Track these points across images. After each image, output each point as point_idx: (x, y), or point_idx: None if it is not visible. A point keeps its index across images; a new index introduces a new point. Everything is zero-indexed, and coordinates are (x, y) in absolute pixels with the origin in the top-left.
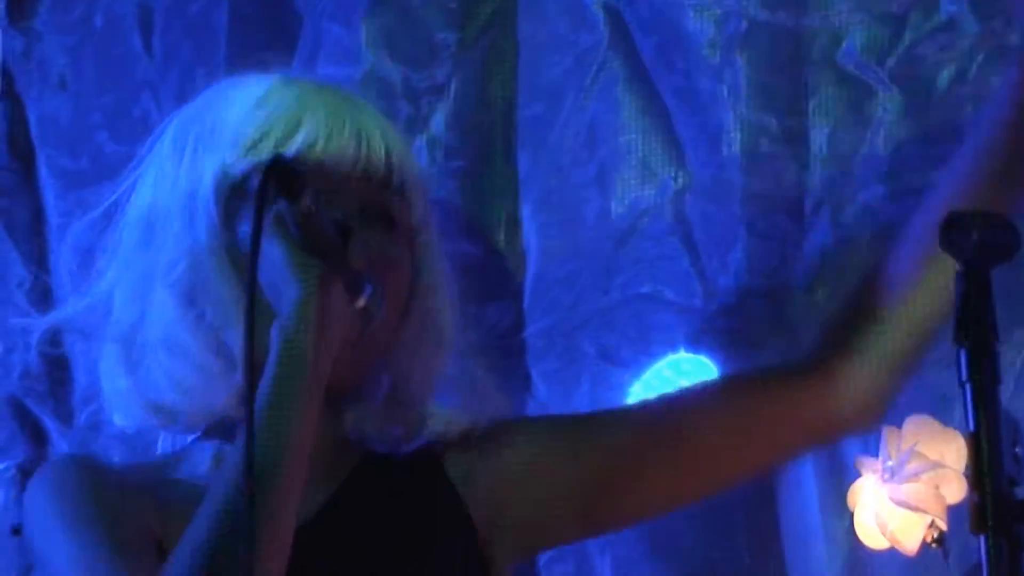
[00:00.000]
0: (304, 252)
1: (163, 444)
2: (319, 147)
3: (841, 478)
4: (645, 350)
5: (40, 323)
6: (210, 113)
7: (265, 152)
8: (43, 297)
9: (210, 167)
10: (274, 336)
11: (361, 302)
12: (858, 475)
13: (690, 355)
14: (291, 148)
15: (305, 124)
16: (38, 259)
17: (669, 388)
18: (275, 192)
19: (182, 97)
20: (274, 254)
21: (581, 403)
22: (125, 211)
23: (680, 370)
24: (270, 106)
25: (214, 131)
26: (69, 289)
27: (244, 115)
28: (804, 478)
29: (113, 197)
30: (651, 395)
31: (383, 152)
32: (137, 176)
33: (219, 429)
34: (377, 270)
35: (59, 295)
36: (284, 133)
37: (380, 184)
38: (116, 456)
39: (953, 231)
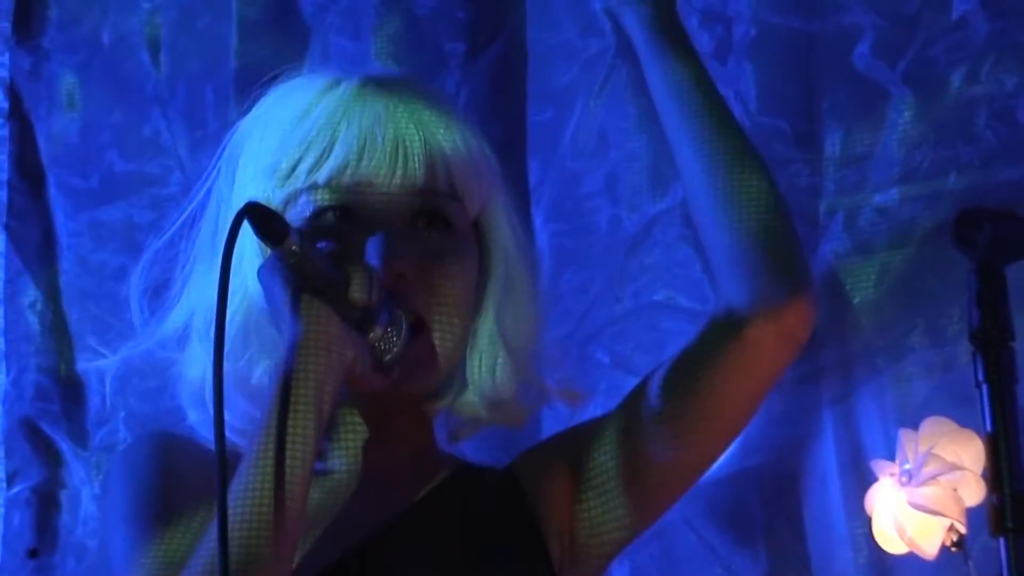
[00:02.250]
0: (301, 292)
1: None
2: (351, 169)
3: (865, 482)
4: (659, 358)
5: (112, 362)
6: (257, 131)
7: (300, 180)
8: (54, 318)
9: (253, 196)
10: (269, 379)
11: (376, 333)
12: (876, 479)
13: None
14: (322, 175)
15: (338, 144)
16: (48, 280)
17: None
18: (262, 236)
19: (191, 113)
20: (276, 296)
21: (596, 413)
22: (194, 237)
23: None
24: (306, 126)
25: (256, 157)
26: (140, 321)
27: (282, 138)
28: (829, 482)
29: (182, 217)
30: None
31: (422, 157)
32: (203, 197)
33: None
34: (412, 286)
35: (71, 317)
36: (316, 160)
37: (425, 190)
38: None
39: (966, 228)
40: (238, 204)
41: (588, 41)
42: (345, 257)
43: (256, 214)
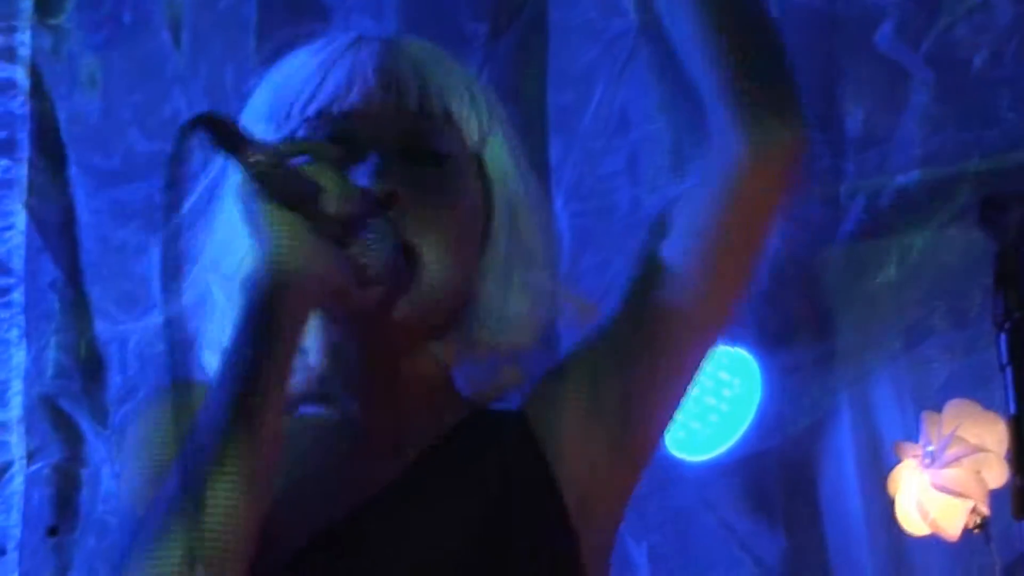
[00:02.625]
0: (273, 206)
1: None
2: (340, 100)
3: (881, 464)
4: None
5: (134, 328)
6: (258, 88)
7: (294, 119)
8: (75, 295)
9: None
10: (239, 294)
11: (356, 246)
12: (897, 461)
13: (728, 347)
14: (312, 108)
15: (328, 79)
16: (69, 257)
17: (705, 380)
18: (219, 147)
19: (212, 92)
20: (249, 211)
21: None
22: (213, 207)
23: (719, 362)
24: (301, 73)
25: (255, 108)
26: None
27: (278, 87)
28: (844, 464)
29: (199, 189)
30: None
31: (415, 83)
32: (219, 169)
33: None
34: (408, 211)
35: (92, 296)
36: (308, 97)
37: (420, 117)
38: None
39: (992, 211)
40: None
41: (610, 21)
42: (320, 170)
43: (209, 123)
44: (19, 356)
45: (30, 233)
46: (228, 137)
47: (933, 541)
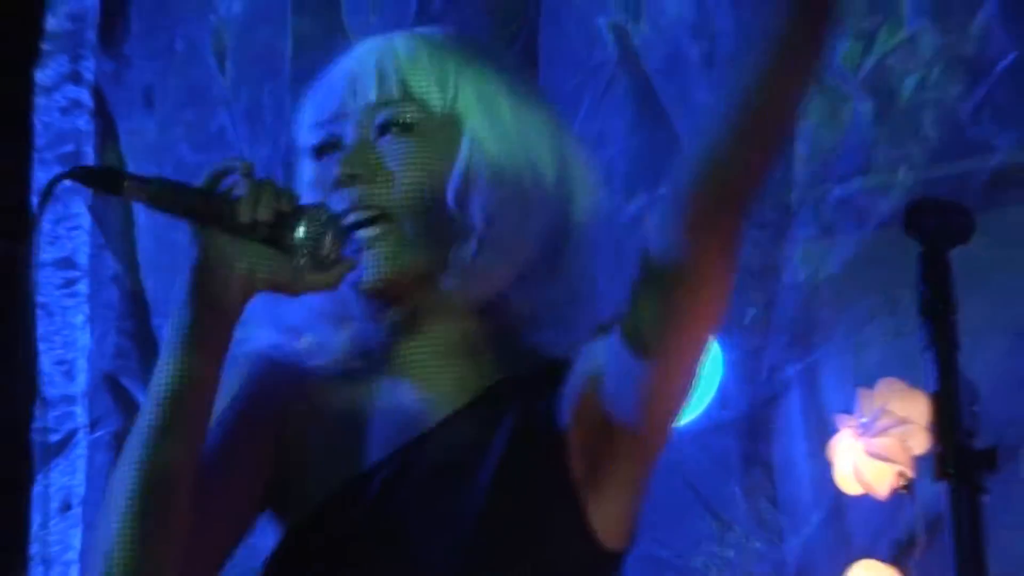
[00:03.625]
0: (194, 224)
1: None
2: (323, 107)
3: (824, 433)
4: None
5: None
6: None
7: (307, 131)
8: (133, 286)
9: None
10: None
11: (296, 238)
12: (837, 431)
13: None
14: (310, 118)
15: (319, 95)
16: (127, 254)
17: None
18: (101, 190)
19: (253, 112)
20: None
21: None
22: None
23: None
24: (311, 90)
25: (296, 122)
26: None
27: (302, 104)
28: (794, 433)
29: None
30: None
31: (373, 76)
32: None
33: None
34: (377, 180)
35: (147, 287)
36: (311, 109)
37: (379, 103)
38: None
39: (915, 216)
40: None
41: (592, 52)
42: (243, 183)
43: (78, 175)
44: (84, 339)
45: (94, 232)
46: (101, 179)
47: (866, 499)
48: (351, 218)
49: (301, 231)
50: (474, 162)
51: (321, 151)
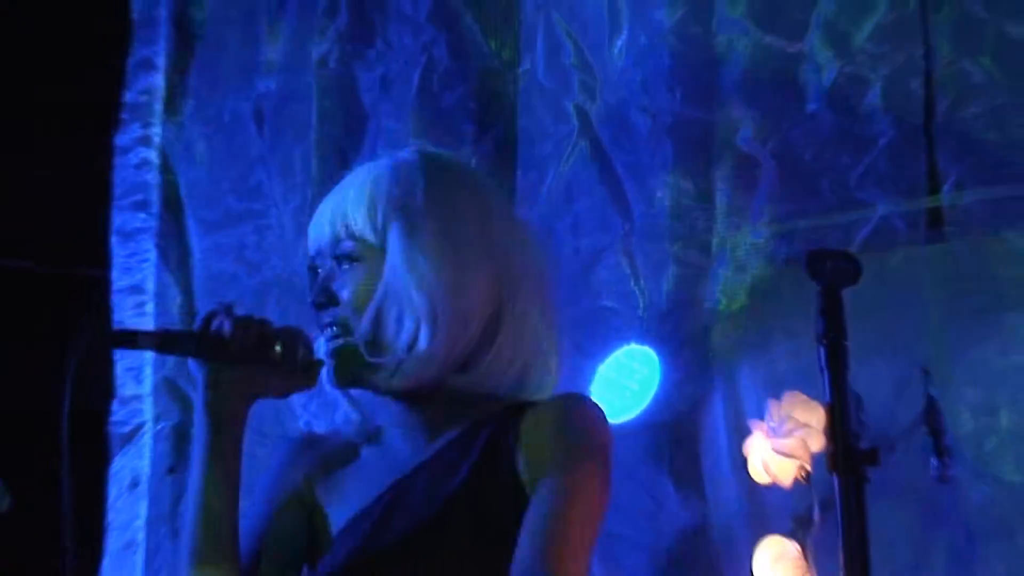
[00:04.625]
0: (198, 364)
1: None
2: (312, 242)
3: (742, 434)
4: (604, 345)
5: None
6: None
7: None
8: (189, 309)
9: None
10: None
11: (275, 353)
12: (751, 432)
13: (638, 347)
14: (310, 249)
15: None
16: (185, 284)
17: (622, 367)
18: (124, 349)
19: (285, 169)
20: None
21: (563, 380)
22: None
23: (632, 357)
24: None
25: None
26: None
27: None
28: (717, 432)
29: None
30: (611, 375)
31: (328, 222)
32: None
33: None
34: (331, 306)
35: (200, 309)
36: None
37: (332, 241)
38: None
39: (814, 262)
40: None
41: (559, 126)
42: (234, 323)
43: (105, 343)
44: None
45: (159, 265)
46: (117, 339)
47: (774, 488)
48: (325, 333)
49: (278, 348)
50: (391, 285)
51: (313, 278)
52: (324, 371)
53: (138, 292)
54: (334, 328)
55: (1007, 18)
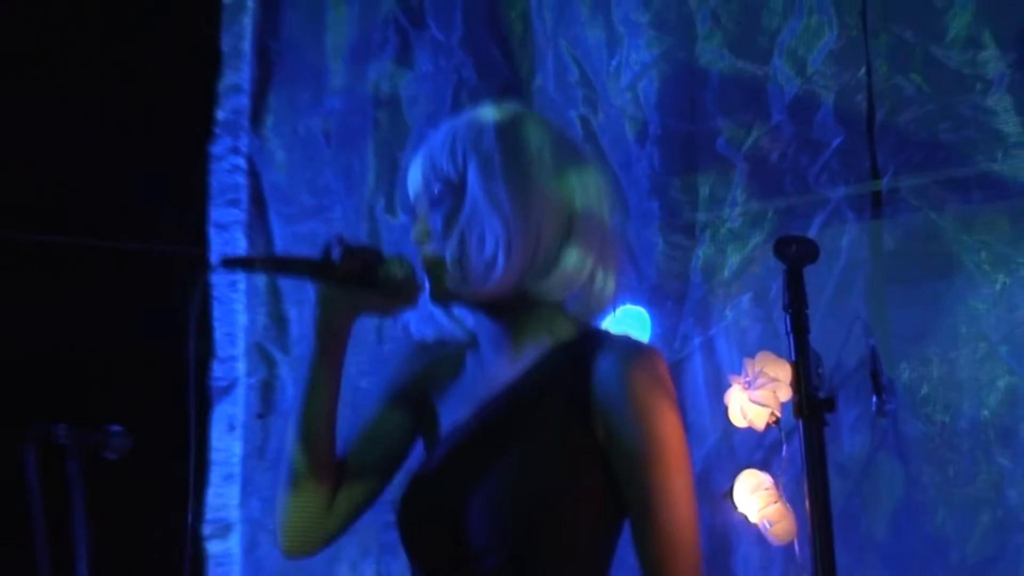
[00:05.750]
0: (313, 283)
1: None
2: (407, 176)
3: (720, 387)
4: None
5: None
6: None
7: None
8: (274, 287)
9: None
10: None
11: (381, 273)
12: (729, 385)
13: (632, 306)
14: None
15: (408, 170)
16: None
17: (616, 326)
18: (244, 272)
19: (348, 172)
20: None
21: None
22: None
23: (628, 314)
24: None
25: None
26: None
27: None
28: (699, 386)
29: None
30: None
31: (422, 165)
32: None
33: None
34: (435, 232)
35: (282, 286)
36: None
37: (426, 181)
38: None
39: (782, 246)
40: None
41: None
42: (341, 251)
43: (227, 262)
44: (242, 319)
45: (248, 250)
46: (237, 263)
47: (749, 431)
48: (423, 262)
49: (381, 272)
50: (471, 213)
51: (413, 219)
52: (424, 291)
53: (231, 271)
54: (431, 256)
55: (933, 42)
